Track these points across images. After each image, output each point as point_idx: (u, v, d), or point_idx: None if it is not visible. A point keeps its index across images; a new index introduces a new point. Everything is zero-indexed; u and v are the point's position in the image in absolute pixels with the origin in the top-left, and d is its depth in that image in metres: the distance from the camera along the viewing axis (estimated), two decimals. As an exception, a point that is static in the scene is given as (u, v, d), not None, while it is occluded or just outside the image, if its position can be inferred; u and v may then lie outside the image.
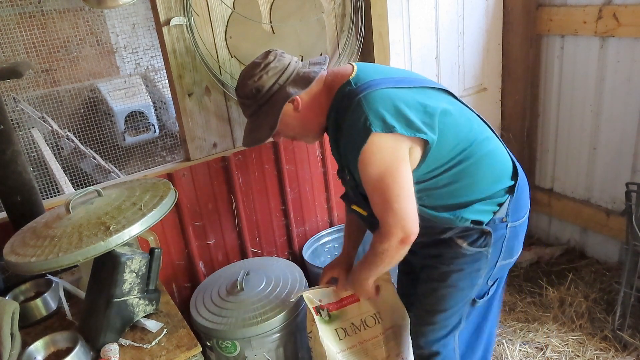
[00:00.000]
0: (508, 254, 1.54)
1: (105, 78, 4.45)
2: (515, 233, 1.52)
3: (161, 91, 4.47)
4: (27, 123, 3.87)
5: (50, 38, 3.66)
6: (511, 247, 1.54)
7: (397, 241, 1.37)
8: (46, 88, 3.98)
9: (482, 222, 1.45)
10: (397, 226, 1.35)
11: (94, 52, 4.16)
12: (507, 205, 1.47)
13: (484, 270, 1.51)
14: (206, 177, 2.02)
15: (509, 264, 1.58)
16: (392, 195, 1.33)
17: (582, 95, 2.54)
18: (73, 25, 3.87)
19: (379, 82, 1.38)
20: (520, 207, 1.52)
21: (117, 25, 4.07)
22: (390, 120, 1.30)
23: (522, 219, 1.54)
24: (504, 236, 1.49)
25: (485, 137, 1.47)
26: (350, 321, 1.78)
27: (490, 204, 1.46)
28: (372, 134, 1.29)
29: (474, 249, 1.47)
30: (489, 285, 1.58)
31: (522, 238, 1.59)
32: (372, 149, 1.31)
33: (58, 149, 4.03)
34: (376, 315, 1.79)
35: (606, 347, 2.21)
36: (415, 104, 1.35)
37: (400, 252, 1.41)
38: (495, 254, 1.50)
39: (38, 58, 3.69)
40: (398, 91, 1.36)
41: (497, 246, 1.49)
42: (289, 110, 1.47)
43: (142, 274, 1.40)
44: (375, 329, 1.78)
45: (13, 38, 3.45)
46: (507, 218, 1.47)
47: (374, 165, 1.33)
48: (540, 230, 3.00)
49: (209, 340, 1.84)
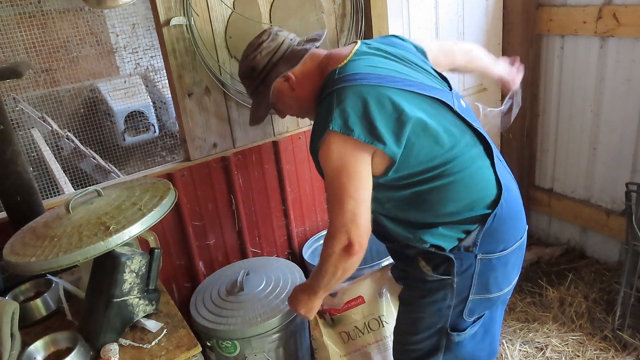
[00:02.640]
0: (483, 289, 1.38)
1: (105, 78, 4.45)
2: (490, 266, 1.36)
3: (161, 91, 4.48)
4: (27, 123, 3.87)
5: (50, 38, 3.66)
6: (485, 282, 1.38)
7: (341, 248, 1.28)
8: (46, 88, 3.98)
9: (444, 249, 1.34)
10: (343, 230, 1.27)
11: (94, 52, 4.17)
12: (475, 234, 1.33)
13: (450, 301, 1.39)
14: (206, 177, 2.02)
15: (489, 300, 1.42)
16: (345, 195, 1.26)
17: (582, 95, 2.54)
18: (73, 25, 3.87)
19: (362, 77, 1.29)
20: (498, 239, 1.36)
21: (117, 25, 4.07)
22: (352, 122, 1.23)
23: (501, 252, 1.37)
24: (472, 267, 1.35)
25: (470, 157, 1.33)
26: (353, 325, 1.76)
27: (456, 230, 1.34)
28: (328, 130, 1.24)
29: (436, 276, 1.37)
30: (469, 320, 1.43)
31: (503, 274, 1.41)
32: (329, 145, 1.26)
33: (58, 149, 4.03)
34: (380, 319, 1.77)
35: (606, 347, 2.21)
36: (390, 108, 1.25)
37: (343, 264, 1.31)
38: (463, 285, 1.37)
39: (38, 58, 3.69)
40: (377, 89, 1.26)
41: (466, 277, 1.36)
42: (286, 89, 1.44)
43: (142, 274, 1.40)
44: (379, 332, 1.77)
45: (13, 38, 3.45)
46: (474, 248, 1.33)
47: (331, 159, 1.26)
48: (540, 230, 3.00)
49: (209, 340, 1.84)
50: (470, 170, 1.32)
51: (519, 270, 1.49)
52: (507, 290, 1.45)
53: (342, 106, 1.24)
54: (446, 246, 1.34)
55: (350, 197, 1.26)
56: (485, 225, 1.32)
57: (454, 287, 1.37)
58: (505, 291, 1.44)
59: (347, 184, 1.25)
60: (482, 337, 1.50)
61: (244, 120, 2.05)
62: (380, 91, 1.26)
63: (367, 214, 1.28)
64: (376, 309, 1.78)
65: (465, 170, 1.32)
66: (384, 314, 1.77)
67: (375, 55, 1.39)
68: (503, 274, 1.40)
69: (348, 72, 1.31)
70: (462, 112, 1.36)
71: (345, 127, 1.23)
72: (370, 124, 1.23)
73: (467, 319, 1.42)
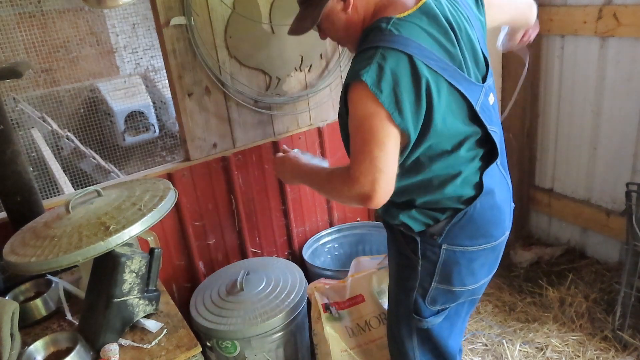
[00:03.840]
0: (445, 279, 1.42)
1: (105, 78, 4.46)
2: (454, 258, 1.39)
3: (161, 91, 4.48)
4: (27, 123, 3.87)
5: (50, 38, 3.67)
6: (448, 272, 1.41)
7: (358, 194, 1.21)
8: (46, 88, 3.98)
9: (413, 230, 1.38)
10: (369, 177, 1.19)
11: (94, 52, 4.17)
12: (443, 224, 1.36)
13: (414, 282, 1.43)
14: (206, 177, 2.02)
15: (451, 292, 1.44)
16: (376, 139, 1.19)
17: (582, 95, 2.54)
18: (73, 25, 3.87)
19: (412, 46, 1.23)
20: (466, 235, 1.38)
21: (117, 25, 4.08)
22: (384, 85, 1.19)
23: (466, 248, 1.40)
24: (437, 255, 1.39)
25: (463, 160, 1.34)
26: (355, 322, 1.79)
27: (426, 215, 1.37)
28: (360, 80, 1.19)
29: (405, 250, 1.43)
30: (430, 308, 1.46)
31: (467, 270, 1.42)
32: (358, 91, 1.21)
33: (58, 149, 4.03)
34: (380, 317, 1.80)
35: (606, 347, 2.21)
36: (418, 91, 1.22)
37: (347, 203, 1.28)
38: (428, 270, 1.41)
39: (38, 58, 3.69)
40: (418, 67, 1.21)
41: (430, 263, 1.40)
42: (338, 9, 1.35)
43: (142, 274, 1.40)
44: (379, 330, 1.79)
45: (13, 38, 3.45)
46: (438, 238, 1.37)
47: (362, 103, 1.21)
48: (540, 230, 3.00)
49: (209, 340, 1.84)
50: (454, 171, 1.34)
51: (489, 272, 1.51)
52: (472, 288, 1.47)
53: (382, 65, 1.20)
54: (415, 228, 1.39)
55: (382, 144, 1.19)
56: (454, 219, 1.36)
57: (417, 270, 1.42)
58: (469, 288, 1.46)
59: (379, 128, 1.19)
60: (450, 330, 1.55)
61: (244, 120, 2.05)
62: (420, 70, 1.22)
63: (394, 169, 1.21)
64: (376, 308, 1.80)
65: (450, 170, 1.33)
66: (383, 313, 1.80)
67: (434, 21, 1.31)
68: (467, 269, 1.43)
69: (402, 34, 1.24)
70: (484, 110, 1.34)
71: (376, 86, 1.19)
72: (397, 94, 1.20)
73: (429, 306, 1.46)
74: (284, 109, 2.13)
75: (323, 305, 1.79)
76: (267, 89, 2.06)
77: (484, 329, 2.42)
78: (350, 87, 1.24)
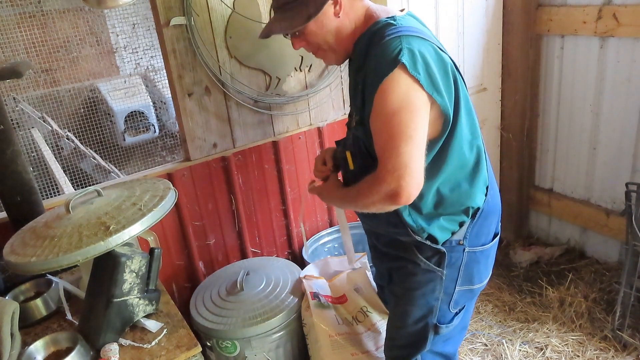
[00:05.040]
0: (467, 280, 1.44)
1: (105, 78, 4.45)
2: (475, 259, 1.42)
3: (161, 91, 4.47)
4: (27, 123, 3.87)
5: (50, 38, 3.66)
6: (470, 273, 1.43)
7: (386, 192, 1.18)
8: (46, 88, 3.98)
9: (438, 241, 1.37)
10: (395, 174, 1.16)
11: (94, 52, 4.17)
12: (466, 227, 1.38)
13: (439, 292, 1.42)
14: (206, 177, 2.02)
15: (471, 292, 1.48)
16: (404, 134, 1.17)
17: (582, 95, 2.54)
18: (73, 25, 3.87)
19: (423, 34, 1.26)
20: (482, 233, 1.42)
21: (117, 25, 4.07)
22: (420, 67, 1.19)
23: (485, 246, 1.43)
24: (460, 259, 1.40)
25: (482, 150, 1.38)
26: (343, 316, 1.87)
27: (453, 222, 1.38)
28: (400, 64, 1.17)
29: (428, 264, 1.39)
30: (453, 312, 1.48)
31: (484, 266, 1.47)
32: (397, 79, 1.18)
33: (58, 149, 4.03)
34: (364, 309, 1.87)
35: (606, 347, 2.21)
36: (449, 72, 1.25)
37: (379, 207, 1.24)
38: (451, 277, 1.41)
39: (38, 58, 3.69)
40: (438, 53, 1.25)
41: (454, 269, 1.41)
42: (329, 12, 1.32)
43: (142, 274, 1.40)
44: (366, 322, 1.86)
45: (13, 38, 3.45)
46: (464, 241, 1.38)
47: (395, 95, 1.18)
48: (540, 230, 3.00)
49: (209, 340, 1.84)
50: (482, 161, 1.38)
51: (493, 263, 1.56)
52: (486, 281, 1.52)
53: (412, 49, 1.20)
54: (440, 238, 1.37)
55: (410, 138, 1.17)
56: (476, 219, 1.38)
57: (442, 280, 1.41)
58: (485, 282, 1.51)
59: (408, 122, 1.17)
60: (460, 329, 1.56)
61: (244, 120, 2.05)
62: (441, 55, 1.25)
63: (421, 161, 1.19)
64: (358, 302, 1.88)
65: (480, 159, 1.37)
66: (365, 305, 1.88)
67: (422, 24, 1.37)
68: (485, 266, 1.47)
69: (410, 25, 1.28)
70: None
71: (414, 68, 1.18)
72: (432, 75, 1.20)
73: (452, 310, 1.47)
74: (284, 109, 2.13)
75: (311, 293, 1.84)
76: (267, 89, 2.06)
77: (483, 328, 2.42)
78: (388, 79, 1.19)
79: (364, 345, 1.80)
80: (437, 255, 1.38)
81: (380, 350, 1.80)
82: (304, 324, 1.87)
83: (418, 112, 1.19)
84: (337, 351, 1.78)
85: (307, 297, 1.84)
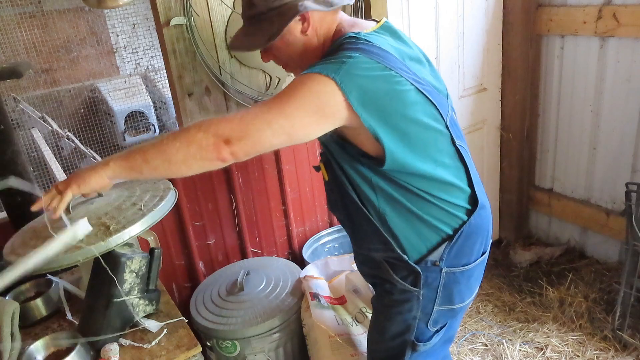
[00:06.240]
0: (446, 300, 1.37)
1: (105, 78, 4.45)
2: (454, 279, 1.35)
3: (161, 91, 4.47)
4: (27, 123, 3.87)
5: (50, 38, 3.66)
6: (449, 294, 1.36)
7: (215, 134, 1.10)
8: (46, 88, 3.98)
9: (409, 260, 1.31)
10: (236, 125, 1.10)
11: (94, 52, 4.17)
12: (443, 248, 1.30)
13: (417, 312, 1.37)
14: (206, 177, 2.02)
15: (452, 311, 1.41)
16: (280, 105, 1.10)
17: (582, 95, 2.54)
18: (73, 25, 3.87)
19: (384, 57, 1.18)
20: (462, 254, 1.34)
21: (117, 25, 4.07)
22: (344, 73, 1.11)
23: (464, 267, 1.35)
24: (437, 280, 1.33)
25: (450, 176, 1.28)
26: (343, 317, 1.87)
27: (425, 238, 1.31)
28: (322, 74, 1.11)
29: (403, 284, 1.33)
30: (432, 330, 1.42)
31: (466, 287, 1.39)
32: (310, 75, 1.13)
33: (58, 149, 4.03)
34: (363, 310, 1.87)
35: (606, 347, 2.21)
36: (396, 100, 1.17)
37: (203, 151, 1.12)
38: (429, 297, 1.35)
39: (38, 58, 3.69)
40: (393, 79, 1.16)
41: (431, 289, 1.34)
42: (296, 30, 1.28)
43: (142, 274, 1.40)
44: (365, 323, 1.86)
45: (13, 38, 3.45)
46: (440, 262, 1.31)
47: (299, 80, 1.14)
48: (540, 230, 3.00)
49: (209, 340, 1.84)
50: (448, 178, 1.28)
51: (480, 281, 1.49)
52: (469, 301, 1.46)
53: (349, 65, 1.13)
54: (414, 256, 1.32)
55: (282, 112, 1.10)
56: (452, 240, 1.31)
57: (419, 299, 1.35)
58: (467, 302, 1.44)
59: (293, 97, 1.11)
60: (441, 345, 1.51)
61: (244, 120, 2.05)
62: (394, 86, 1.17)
63: (271, 142, 1.12)
64: (357, 304, 1.89)
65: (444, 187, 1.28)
66: (364, 306, 1.88)
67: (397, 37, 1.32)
68: (466, 286, 1.40)
69: (374, 42, 1.21)
70: (452, 125, 1.31)
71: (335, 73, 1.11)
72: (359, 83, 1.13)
73: (431, 328, 1.42)
74: (284, 109, 2.13)
75: (311, 294, 1.84)
76: (268, 89, 2.06)
77: (483, 329, 2.42)
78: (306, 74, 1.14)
79: (363, 346, 1.81)
80: (412, 275, 1.32)
81: None
82: (304, 325, 1.87)
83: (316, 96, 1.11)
84: (337, 352, 1.78)
85: (306, 297, 1.84)
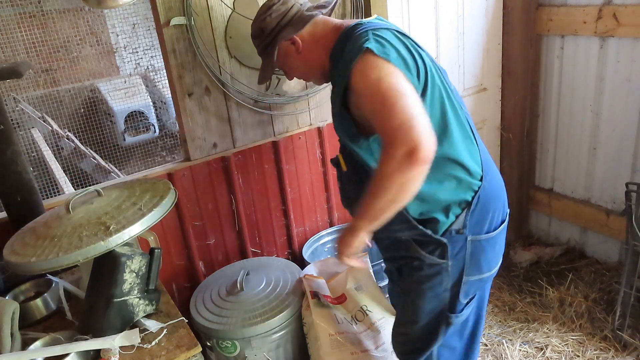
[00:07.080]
0: (476, 269, 1.43)
1: (105, 78, 4.46)
2: (480, 247, 1.41)
3: (161, 91, 4.48)
4: (27, 123, 3.88)
5: (50, 38, 3.67)
6: (478, 262, 1.42)
7: (402, 153, 1.09)
8: (46, 88, 3.99)
9: (438, 229, 1.35)
10: (403, 127, 1.09)
11: (94, 52, 4.17)
12: (464, 216, 1.36)
13: (447, 283, 1.42)
14: (206, 177, 2.02)
15: (482, 280, 1.46)
16: (396, 92, 1.15)
17: (582, 95, 2.54)
18: (73, 25, 3.88)
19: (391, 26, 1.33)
20: (484, 220, 1.40)
21: (117, 25, 4.08)
22: (388, 49, 1.22)
23: (489, 234, 1.41)
24: (464, 249, 1.39)
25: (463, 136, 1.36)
26: (343, 316, 1.86)
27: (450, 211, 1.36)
28: (365, 50, 1.21)
29: (432, 258, 1.38)
30: (463, 302, 1.46)
31: (492, 254, 1.45)
32: (366, 60, 1.21)
33: (58, 149, 4.03)
34: (363, 308, 1.87)
35: (606, 347, 2.21)
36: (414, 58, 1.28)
37: (406, 175, 1.11)
38: (457, 268, 1.40)
39: (38, 58, 3.69)
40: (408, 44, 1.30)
41: (458, 259, 1.39)
42: (292, 52, 1.48)
43: (142, 274, 1.40)
44: (365, 321, 1.86)
45: (13, 38, 3.46)
46: (464, 230, 1.36)
47: (371, 69, 1.20)
48: (540, 230, 3.00)
49: (209, 340, 1.84)
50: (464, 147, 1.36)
51: (503, 250, 1.54)
52: (495, 270, 1.51)
53: (378, 35, 1.26)
54: (442, 221, 1.36)
55: (403, 94, 1.15)
56: (473, 207, 1.36)
57: (449, 271, 1.40)
58: (495, 270, 1.50)
59: (395, 83, 1.17)
60: (474, 320, 1.56)
61: (244, 120, 2.05)
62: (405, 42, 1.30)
63: (422, 112, 1.13)
64: (358, 302, 1.88)
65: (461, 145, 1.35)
66: (365, 304, 1.87)
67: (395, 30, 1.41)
68: (493, 254, 1.45)
69: (376, 24, 1.33)
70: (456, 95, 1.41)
71: (382, 51, 1.21)
72: (403, 58, 1.25)
73: (463, 300, 1.46)
74: (284, 109, 2.13)
75: (311, 292, 1.85)
76: (267, 89, 2.06)
77: (484, 328, 2.42)
78: (356, 62, 1.22)
79: (363, 344, 1.81)
80: (439, 247, 1.38)
81: (380, 349, 1.80)
82: (304, 323, 1.87)
83: (399, 75, 1.19)
84: (337, 350, 1.79)
85: (307, 296, 1.84)
